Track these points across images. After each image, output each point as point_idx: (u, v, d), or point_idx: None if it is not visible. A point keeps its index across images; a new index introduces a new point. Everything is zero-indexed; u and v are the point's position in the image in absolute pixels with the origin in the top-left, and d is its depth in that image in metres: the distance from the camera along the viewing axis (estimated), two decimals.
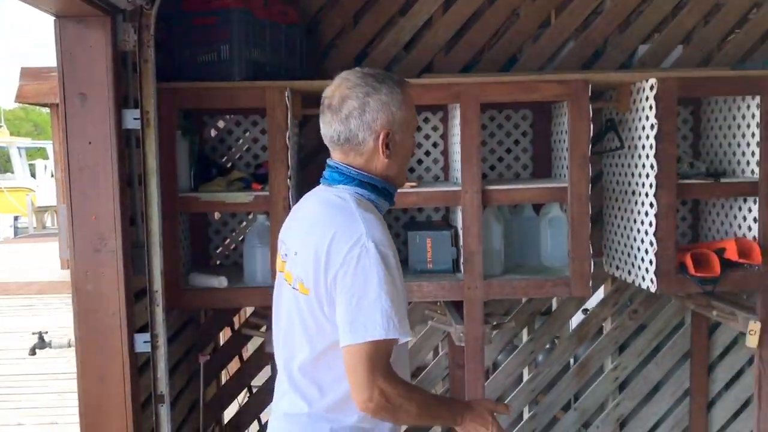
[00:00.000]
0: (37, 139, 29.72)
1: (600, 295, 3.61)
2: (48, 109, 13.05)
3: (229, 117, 3.33)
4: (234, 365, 3.60)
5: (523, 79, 2.90)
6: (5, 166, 25.27)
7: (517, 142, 3.36)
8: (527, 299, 3.54)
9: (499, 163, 3.37)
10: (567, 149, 2.86)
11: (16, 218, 17.35)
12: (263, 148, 3.27)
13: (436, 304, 3.22)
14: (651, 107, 2.82)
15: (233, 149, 3.34)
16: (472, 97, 2.76)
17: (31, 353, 5.12)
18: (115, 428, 2.34)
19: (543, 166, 3.34)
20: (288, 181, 2.74)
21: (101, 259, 2.27)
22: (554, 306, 3.71)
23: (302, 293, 1.62)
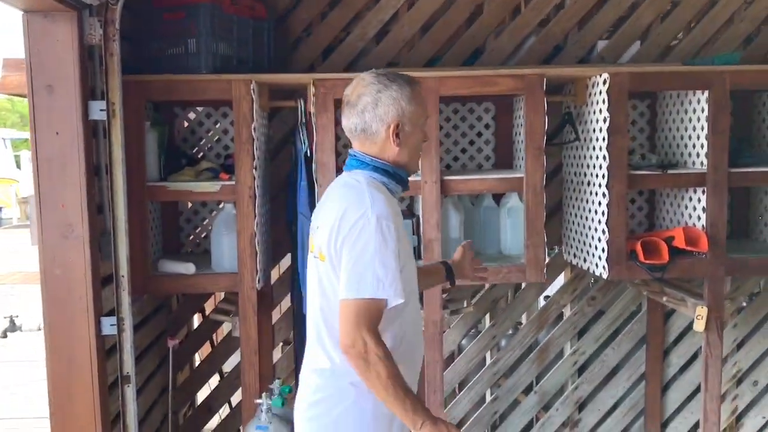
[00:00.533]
0: (23, 130, 29.47)
1: (561, 282, 3.74)
2: None
3: (200, 109, 3.43)
4: (206, 350, 3.71)
5: (481, 73, 3.01)
6: None
7: (480, 134, 3.47)
8: (490, 286, 3.66)
9: (463, 154, 3.48)
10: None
11: (0, 209, 17.33)
12: (233, 140, 3.35)
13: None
14: (604, 101, 2.93)
15: (204, 140, 3.43)
16: (432, 90, 2.86)
17: (2, 336, 5.28)
18: (83, 408, 2.44)
19: (505, 157, 3.45)
20: (254, 171, 2.84)
21: (69, 245, 2.36)
22: (510, 295, 3.83)
23: (321, 260, 1.86)
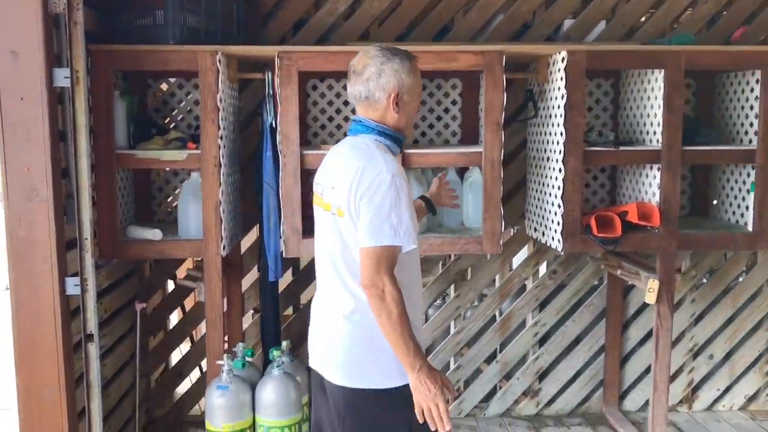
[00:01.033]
0: None
1: (524, 255, 3.84)
2: None
3: (172, 80, 3.50)
4: (177, 316, 3.82)
5: (442, 48, 3.07)
6: None
7: (447, 110, 3.55)
8: (455, 258, 3.76)
9: (431, 129, 3.56)
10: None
11: None
12: None
13: None
14: (562, 78, 3.01)
15: (176, 111, 3.50)
16: None
17: None
18: (48, 365, 2.54)
19: (471, 133, 3.53)
20: (219, 140, 2.92)
21: (33, 207, 2.44)
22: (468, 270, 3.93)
23: (339, 216, 2.05)
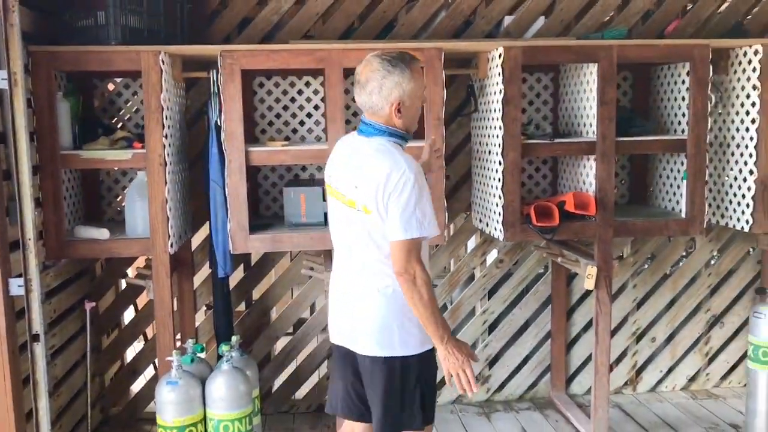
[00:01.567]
0: None
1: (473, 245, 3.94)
2: None
3: (118, 80, 3.52)
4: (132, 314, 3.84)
5: (382, 46, 3.14)
6: None
7: None
8: None
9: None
10: None
11: None
12: None
13: (320, 256, 3.48)
14: (500, 73, 3.10)
15: (123, 111, 3.52)
16: (335, 62, 3.00)
17: None
18: None
19: (420, 128, 3.60)
20: (164, 139, 2.95)
21: None
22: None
23: (366, 213, 2.25)
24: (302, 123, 3.59)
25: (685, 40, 3.42)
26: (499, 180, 3.14)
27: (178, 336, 3.60)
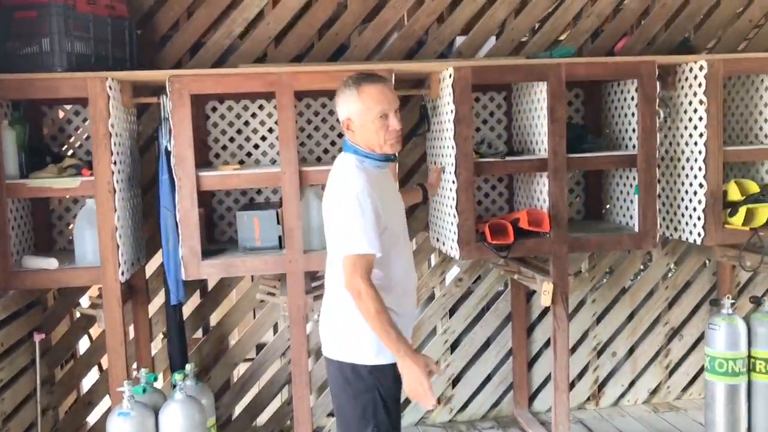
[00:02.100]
0: None
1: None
2: None
3: (68, 107, 3.47)
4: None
5: (332, 68, 3.15)
6: None
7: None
8: None
9: (333, 146, 3.62)
10: None
11: None
12: None
13: (279, 281, 3.44)
14: (450, 93, 3.12)
15: (73, 138, 3.47)
16: (286, 85, 2.99)
17: None
18: None
19: None
20: (112, 166, 2.91)
21: None
22: None
23: (328, 229, 2.41)
24: (257, 146, 3.57)
25: (631, 57, 3.48)
26: (453, 199, 3.15)
27: (134, 365, 3.54)
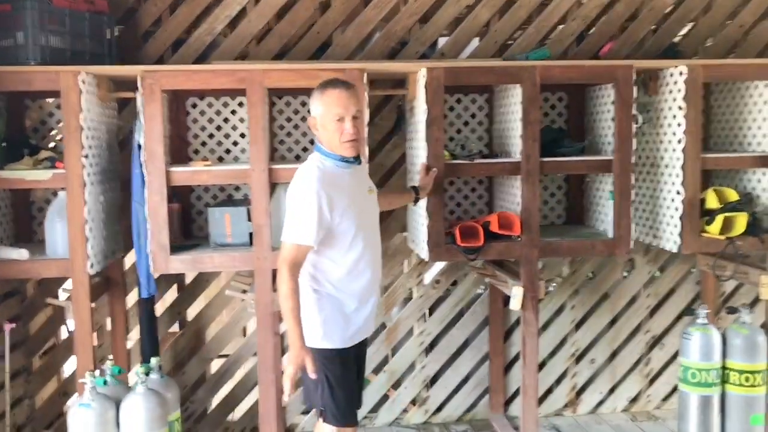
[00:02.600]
0: None
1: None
2: None
3: (50, 100, 3.51)
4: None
5: (304, 67, 3.15)
6: None
7: None
8: None
9: (312, 144, 3.61)
10: None
11: None
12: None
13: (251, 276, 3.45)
14: (424, 94, 3.11)
15: (54, 131, 3.52)
16: (256, 82, 3.00)
17: None
18: None
19: None
20: (84, 159, 2.94)
21: None
22: None
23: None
24: (236, 143, 3.58)
25: (608, 61, 3.43)
26: (425, 200, 3.14)
27: (110, 357, 3.57)
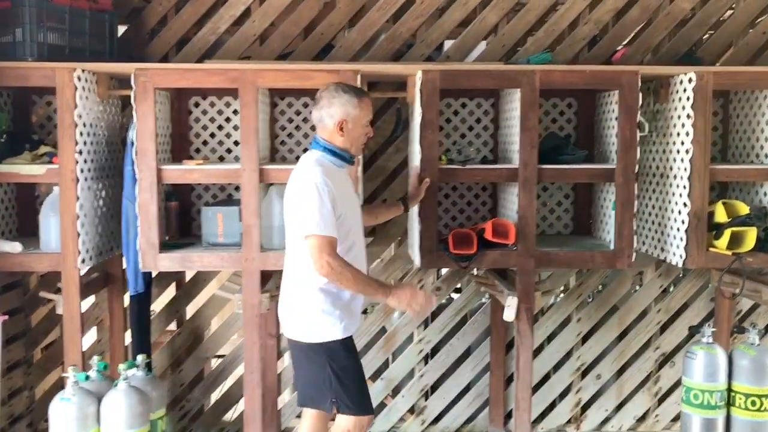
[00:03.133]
0: None
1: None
2: None
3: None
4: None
5: (297, 67, 3.12)
6: None
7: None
8: None
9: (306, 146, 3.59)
10: None
11: None
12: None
13: None
14: (419, 97, 3.05)
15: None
16: (249, 82, 2.99)
17: None
18: None
19: None
20: (77, 155, 2.97)
21: None
22: None
23: (289, 219, 2.63)
24: (237, 143, 3.57)
25: (613, 66, 3.31)
26: (418, 205, 3.07)
27: (101, 353, 3.61)
